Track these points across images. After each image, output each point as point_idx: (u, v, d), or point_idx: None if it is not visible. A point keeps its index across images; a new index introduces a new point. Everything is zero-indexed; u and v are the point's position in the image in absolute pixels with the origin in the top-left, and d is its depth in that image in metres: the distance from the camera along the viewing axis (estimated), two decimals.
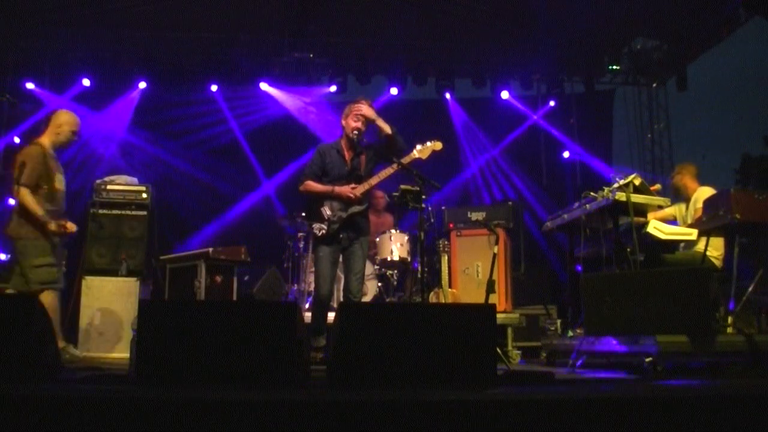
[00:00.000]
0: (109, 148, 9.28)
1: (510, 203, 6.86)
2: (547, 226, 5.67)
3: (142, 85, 9.28)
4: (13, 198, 4.60)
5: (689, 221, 5.02)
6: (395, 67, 9.64)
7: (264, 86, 9.53)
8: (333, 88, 9.51)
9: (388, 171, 4.69)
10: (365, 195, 4.73)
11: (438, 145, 4.80)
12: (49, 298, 4.48)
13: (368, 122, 4.72)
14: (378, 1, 8.82)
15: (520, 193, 10.19)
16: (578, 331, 4.83)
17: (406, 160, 4.68)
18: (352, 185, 4.66)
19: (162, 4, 8.68)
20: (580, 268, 5.41)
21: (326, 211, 4.64)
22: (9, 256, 4.91)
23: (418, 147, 4.78)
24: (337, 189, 4.65)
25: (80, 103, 8.98)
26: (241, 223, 9.36)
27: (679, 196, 5.41)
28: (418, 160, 4.73)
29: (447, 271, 6.21)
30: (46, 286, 4.54)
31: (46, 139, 4.76)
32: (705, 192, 5.06)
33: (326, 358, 4.40)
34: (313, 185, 4.74)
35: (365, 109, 4.69)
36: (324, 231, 4.61)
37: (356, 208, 4.66)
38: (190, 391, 2.42)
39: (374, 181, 4.71)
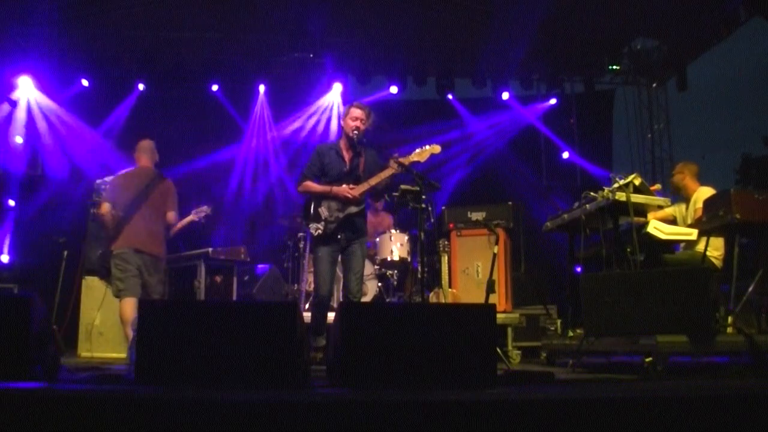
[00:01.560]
0: (109, 147, 9.27)
1: (510, 203, 6.84)
2: (547, 226, 5.66)
3: (141, 86, 9.28)
4: (162, 222, 5.14)
5: (689, 221, 5.01)
6: (395, 67, 9.63)
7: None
8: (339, 87, 9.50)
9: (387, 172, 4.67)
10: (363, 195, 4.73)
11: (436, 149, 4.79)
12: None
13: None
14: (378, 1, 8.82)
15: (521, 192, 10.18)
16: (578, 331, 4.83)
17: (405, 162, 4.67)
18: (350, 185, 4.66)
19: (162, 4, 8.68)
20: (580, 268, 5.40)
21: (323, 211, 4.64)
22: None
23: (417, 150, 4.77)
24: (335, 189, 4.65)
25: (80, 102, 8.98)
26: (241, 223, 9.35)
27: (678, 194, 5.40)
28: (416, 163, 4.72)
29: (447, 271, 6.20)
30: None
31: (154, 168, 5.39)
32: (705, 192, 5.05)
33: (326, 358, 4.41)
34: (311, 185, 4.74)
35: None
36: (320, 231, 4.61)
37: (353, 209, 4.66)
38: (190, 391, 2.42)
39: (373, 181, 4.69)
